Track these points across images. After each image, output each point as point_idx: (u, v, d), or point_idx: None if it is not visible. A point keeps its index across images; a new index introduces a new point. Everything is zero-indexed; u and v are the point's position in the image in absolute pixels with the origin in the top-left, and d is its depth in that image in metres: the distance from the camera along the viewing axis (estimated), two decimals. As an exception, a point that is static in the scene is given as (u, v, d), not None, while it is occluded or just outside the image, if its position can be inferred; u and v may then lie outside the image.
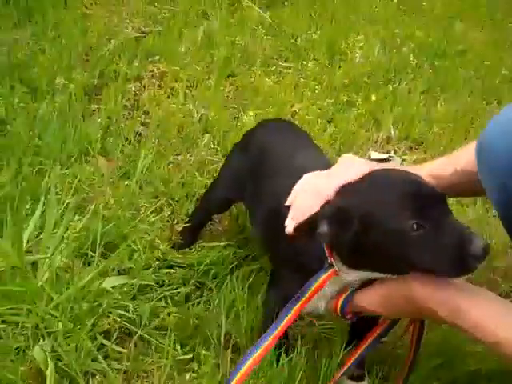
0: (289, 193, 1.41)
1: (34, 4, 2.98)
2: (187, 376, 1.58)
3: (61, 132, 2.21)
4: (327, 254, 1.32)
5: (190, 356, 1.62)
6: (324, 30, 3.41)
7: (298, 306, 1.34)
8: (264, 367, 1.52)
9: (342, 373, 1.45)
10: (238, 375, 1.28)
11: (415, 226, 1.18)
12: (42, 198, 1.85)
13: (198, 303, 1.78)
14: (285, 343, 1.56)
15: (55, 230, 1.80)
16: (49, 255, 1.71)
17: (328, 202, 1.28)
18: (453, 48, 3.58)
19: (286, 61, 3.15)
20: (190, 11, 3.32)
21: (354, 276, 1.33)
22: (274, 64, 3.09)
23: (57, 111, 2.31)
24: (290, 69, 3.07)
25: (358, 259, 1.29)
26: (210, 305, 1.77)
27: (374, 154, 2.60)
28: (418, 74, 3.24)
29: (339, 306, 1.38)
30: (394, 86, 3.05)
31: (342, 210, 1.25)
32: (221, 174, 1.95)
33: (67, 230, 1.81)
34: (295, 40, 3.30)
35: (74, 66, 2.65)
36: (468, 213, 2.38)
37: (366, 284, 1.36)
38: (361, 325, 1.52)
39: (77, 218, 1.87)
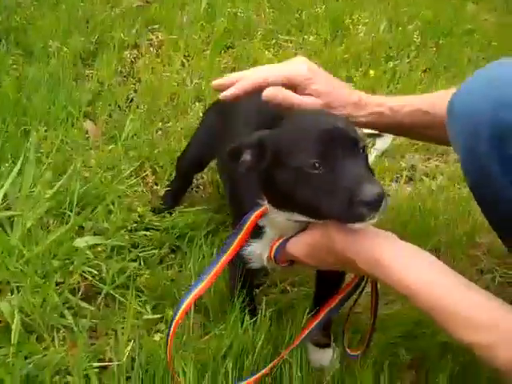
0: None
1: (38, -31, 2.98)
2: (155, 336, 1.59)
3: (50, 94, 2.22)
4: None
5: (159, 316, 1.63)
6: (330, 5, 3.37)
7: (234, 244, 1.34)
8: (228, 329, 1.52)
9: (303, 336, 1.44)
10: (183, 306, 1.33)
11: (316, 164, 1.15)
12: (22, 156, 1.86)
13: (172, 266, 1.79)
14: (250, 305, 1.56)
15: (33, 189, 1.81)
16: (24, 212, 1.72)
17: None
18: (461, 27, 3.52)
19: (287, 35, 3.11)
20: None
21: (282, 217, 1.30)
22: (275, 37, 3.06)
23: (48, 74, 2.32)
24: (290, 42, 3.04)
25: (274, 196, 1.27)
26: (182, 268, 1.77)
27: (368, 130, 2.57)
28: (422, 52, 3.19)
29: (273, 252, 1.36)
30: (396, 62, 3.00)
31: (261, 141, 1.25)
32: (195, 133, 1.96)
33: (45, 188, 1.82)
34: (299, 14, 3.26)
35: (72, 32, 2.66)
36: (462, 191, 2.34)
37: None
38: (324, 290, 1.51)
39: (56, 177, 1.88)
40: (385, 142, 2.55)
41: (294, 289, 1.81)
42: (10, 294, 1.55)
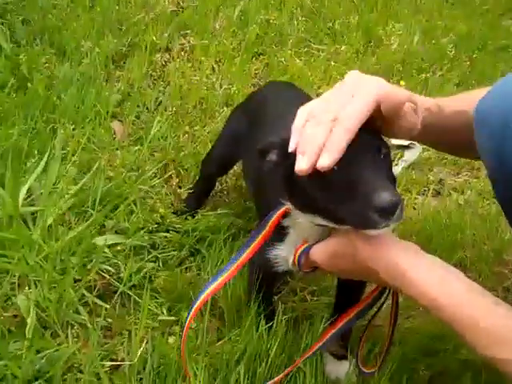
0: None
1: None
2: (169, 339, 1.57)
3: (80, 93, 2.23)
4: None
5: (174, 318, 1.62)
6: (363, 15, 3.34)
7: (258, 238, 1.33)
8: (242, 334, 1.50)
9: (319, 345, 1.42)
10: (201, 298, 1.32)
11: (333, 167, 1.12)
12: (47, 153, 1.87)
13: (190, 268, 1.78)
14: (266, 309, 1.54)
15: (57, 185, 1.82)
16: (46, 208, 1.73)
17: None
18: (496, 43, 3.46)
19: (319, 43, 3.10)
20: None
21: (305, 219, 1.28)
22: (307, 46, 3.05)
23: (79, 73, 2.33)
24: (322, 52, 3.02)
25: (296, 198, 1.26)
26: (201, 271, 1.76)
27: (397, 141, 2.54)
28: (455, 65, 3.14)
29: (297, 256, 1.33)
30: (428, 75, 2.97)
31: (284, 141, 1.21)
32: (220, 135, 1.96)
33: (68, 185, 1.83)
34: (332, 24, 3.24)
35: (105, 34, 2.67)
36: (491, 207, 2.29)
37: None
38: (344, 299, 1.50)
39: (81, 175, 1.89)
40: (413, 154, 2.53)
41: (314, 298, 1.79)
42: (27, 288, 1.55)
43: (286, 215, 1.34)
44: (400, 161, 2.49)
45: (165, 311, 1.64)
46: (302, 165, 1.11)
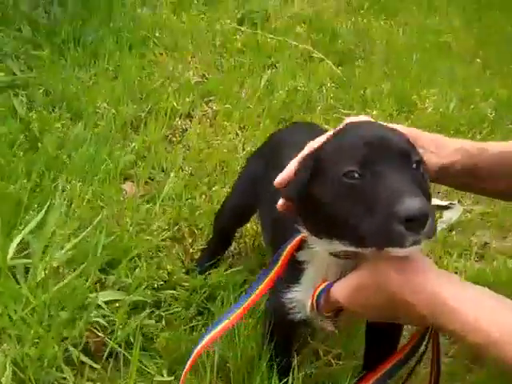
0: None
1: (100, 47, 2.98)
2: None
3: (91, 153, 2.11)
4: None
5: (172, 379, 1.40)
6: (396, 83, 3.22)
7: (270, 274, 1.20)
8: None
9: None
10: (203, 342, 1.20)
11: (355, 174, 1.01)
12: (47, 205, 1.73)
13: (196, 328, 1.57)
14: (281, 362, 1.34)
15: (53, 238, 1.67)
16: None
17: None
18: (538, 105, 3.29)
19: (349, 109, 2.96)
20: (258, 62, 3.22)
21: (322, 247, 1.12)
22: (336, 112, 2.92)
23: (94, 134, 2.23)
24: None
25: (312, 218, 1.11)
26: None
27: (435, 201, 2.34)
28: (496, 128, 2.96)
29: (315, 296, 1.14)
30: (468, 137, 2.78)
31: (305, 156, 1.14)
32: (235, 183, 1.84)
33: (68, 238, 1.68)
34: (363, 91, 3.12)
35: (125, 101, 2.59)
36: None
37: None
38: (376, 349, 1.31)
39: (83, 230, 1.73)
40: (453, 214, 2.31)
41: (340, 362, 1.54)
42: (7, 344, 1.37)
43: (301, 247, 1.19)
44: (439, 222, 2.28)
45: (165, 373, 1.43)
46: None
